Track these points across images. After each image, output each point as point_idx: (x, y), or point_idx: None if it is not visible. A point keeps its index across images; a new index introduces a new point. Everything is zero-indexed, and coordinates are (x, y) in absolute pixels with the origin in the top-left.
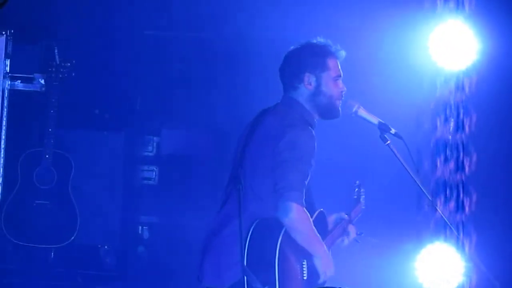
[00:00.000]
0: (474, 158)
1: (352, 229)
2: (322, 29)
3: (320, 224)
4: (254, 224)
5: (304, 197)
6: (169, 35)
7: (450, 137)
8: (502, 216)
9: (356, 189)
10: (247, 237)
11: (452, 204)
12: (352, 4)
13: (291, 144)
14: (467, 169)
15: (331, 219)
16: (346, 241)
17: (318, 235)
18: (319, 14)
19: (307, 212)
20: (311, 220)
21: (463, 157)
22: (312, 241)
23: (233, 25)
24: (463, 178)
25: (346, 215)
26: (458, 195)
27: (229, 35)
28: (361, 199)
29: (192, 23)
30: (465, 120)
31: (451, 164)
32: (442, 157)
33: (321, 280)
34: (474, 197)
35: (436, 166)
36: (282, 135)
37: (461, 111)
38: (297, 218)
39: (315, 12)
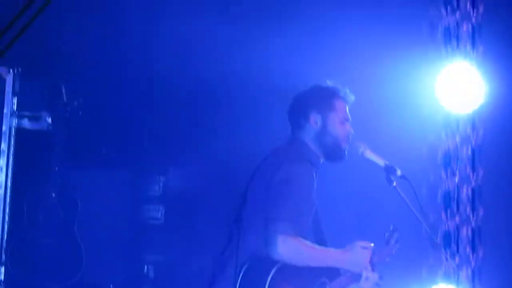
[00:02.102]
0: (481, 212)
1: (371, 275)
2: (330, 72)
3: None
4: (246, 265)
5: (294, 231)
6: (176, 70)
7: (456, 189)
8: (508, 269)
9: (388, 233)
10: (237, 280)
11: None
12: (358, 46)
13: (285, 178)
14: (473, 222)
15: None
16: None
17: (319, 247)
18: (328, 57)
19: (297, 238)
20: (303, 242)
21: (469, 209)
22: (314, 259)
23: (243, 64)
24: (470, 232)
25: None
26: (464, 248)
27: (238, 74)
28: (391, 243)
29: (201, 60)
30: (472, 173)
31: (457, 218)
32: (449, 209)
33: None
34: (481, 252)
35: (442, 218)
36: (278, 169)
37: (468, 161)
38: (285, 251)
39: (324, 55)
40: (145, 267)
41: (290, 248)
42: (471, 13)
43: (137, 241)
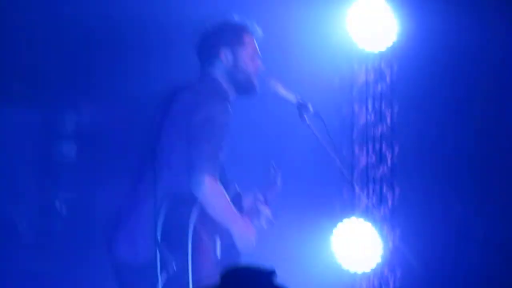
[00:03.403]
0: (396, 150)
1: (266, 210)
2: (237, 7)
3: (235, 205)
4: (167, 200)
5: (217, 171)
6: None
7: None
8: (423, 208)
9: (272, 170)
10: (159, 214)
11: (373, 197)
12: None
13: (206, 117)
14: (389, 161)
15: (247, 200)
16: (263, 223)
17: (234, 208)
18: None
19: (221, 185)
20: (225, 193)
21: (384, 149)
22: (228, 215)
23: None
24: (385, 170)
25: (261, 196)
26: (381, 187)
27: (149, 8)
28: (278, 180)
29: None
30: (386, 110)
31: (372, 157)
32: (364, 148)
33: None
34: (397, 190)
35: (356, 155)
36: (197, 110)
37: (382, 100)
38: (210, 191)
39: None
40: (57, 204)
41: (214, 190)
42: None
43: (48, 179)
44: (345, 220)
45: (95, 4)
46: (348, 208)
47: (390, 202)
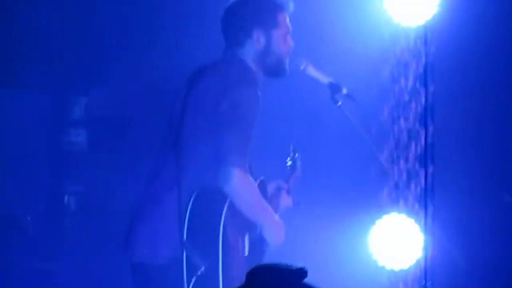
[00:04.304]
0: (431, 129)
1: (286, 199)
2: None
3: (261, 194)
4: (194, 194)
5: (247, 163)
6: None
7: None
8: (461, 188)
9: (291, 155)
10: (187, 209)
11: (408, 175)
12: None
13: (234, 104)
14: (423, 139)
15: (271, 187)
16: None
17: (266, 202)
18: None
19: (251, 178)
20: (256, 187)
21: (419, 127)
22: (259, 209)
23: None
24: (420, 149)
25: (285, 184)
26: (414, 166)
27: None
28: (297, 166)
29: None
30: (422, 88)
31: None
32: (397, 127)
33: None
34: (431, 169)
35: (391, 135)
36: (224, 94)
37: (419, 76)
38: (240, 185)
39: None
40: (66, 198)
41: (244, 185)
42: None
43: (56, 169)
44: (385, 217)
45: None
46: (387, 202)
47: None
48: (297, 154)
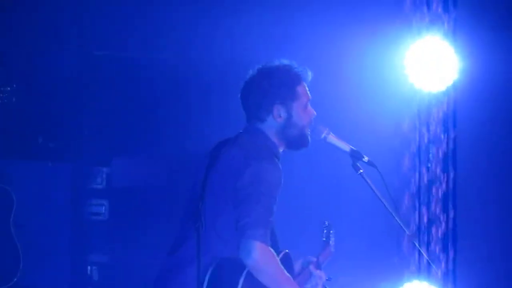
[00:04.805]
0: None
1: (320, 275)
2: (288, 47)
3: (285, 267)
4: (213, 266)
5: (269, 236)
6: (120, 56)
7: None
8: (488, 252)
9: (325, 231)
10: (204, 280)
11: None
12: (322, 22)
13: (255, 178)
14: (451, 213)
15: (298, 262)
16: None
17: (288, 275)
18: (286, 32)
19: (273, 251)
20: (277, 259)
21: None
22: (281, 282)
23: (187, 48)
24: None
25: (314, 258)
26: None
27: (184, 59)
28: (331, 242)
29: (145, 44)
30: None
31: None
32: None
33: None
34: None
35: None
36: (246, 167)
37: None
38: (261, 259)
39: (282, 29)
40: (89, 268)
41: (266, 258)
42: None
43: (79, 240)
44: (406, 285)
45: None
46: (408, 268)
47: (451, 265)
48: (332, 231)
